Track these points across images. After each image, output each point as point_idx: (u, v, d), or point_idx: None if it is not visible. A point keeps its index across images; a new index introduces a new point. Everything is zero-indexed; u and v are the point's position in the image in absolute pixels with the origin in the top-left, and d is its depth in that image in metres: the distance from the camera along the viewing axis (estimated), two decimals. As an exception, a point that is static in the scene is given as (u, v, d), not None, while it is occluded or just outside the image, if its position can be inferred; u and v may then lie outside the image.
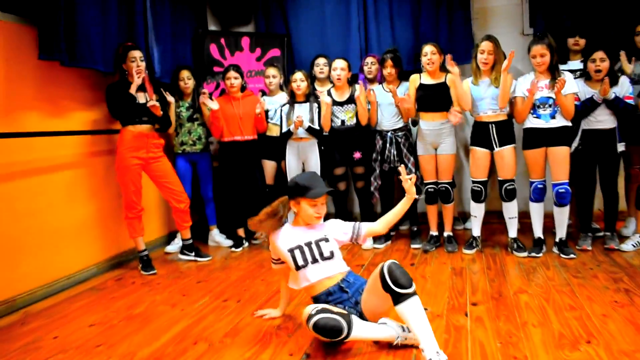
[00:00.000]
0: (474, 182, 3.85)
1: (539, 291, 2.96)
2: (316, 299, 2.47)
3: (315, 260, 2.45)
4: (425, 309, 2.67)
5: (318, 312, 2.20)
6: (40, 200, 3.40)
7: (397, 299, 2.13)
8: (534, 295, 2.90)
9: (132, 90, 3.64)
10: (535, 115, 3.69)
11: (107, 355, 2.41)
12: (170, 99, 4.25)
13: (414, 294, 2.15)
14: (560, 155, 3.63)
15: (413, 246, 4.13)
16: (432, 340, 2.08)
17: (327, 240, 2.51)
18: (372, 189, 4.18)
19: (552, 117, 3.64)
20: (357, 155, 4.23)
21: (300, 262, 2.46)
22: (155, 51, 4.23)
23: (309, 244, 2.48)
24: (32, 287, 3.30)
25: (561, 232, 3.73)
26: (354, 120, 4.19)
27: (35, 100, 3.39)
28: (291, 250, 2.49)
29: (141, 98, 3.76)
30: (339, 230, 2.58)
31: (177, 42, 4.58)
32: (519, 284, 3.12)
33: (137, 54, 3.69)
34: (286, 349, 2.38)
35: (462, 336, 2.40)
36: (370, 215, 4.31)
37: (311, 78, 4.48)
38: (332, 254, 2.47)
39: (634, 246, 3.74)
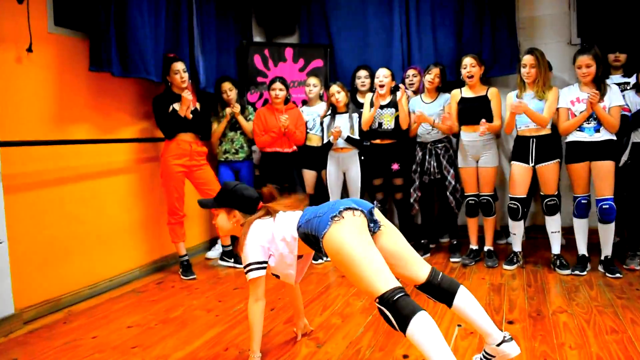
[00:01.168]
0: (511, 198, 3.76)
1: (579, 311, 2.86)
2: None
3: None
4: (459, 325, 2.66)
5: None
6: (88, 204, 3.55)
7: None
8: (574, 315, 2.80)
9: (182, 112, 3.76)
10: (579, 129, 3.58)
11: (142, 357, 2.49)
12: (230, 110, 4.33)
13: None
14: (605, 170, 3.51)
15: (452, 260, 4.06)
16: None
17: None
18: (411, 200, 4.14)
19: (597, 130, 3.52)
20: (395, 166, 4.21)
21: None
22: (201, 62, 4.35)
23: None
24: (76, 287, 3.44)
25: (607, 250, 3.60)
26: (392, 124, 4.16)
27: (86, 109, 3.56)
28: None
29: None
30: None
31: (222, 53, 4.70)
32: (559, 302, 3.02)
33: (180, 66, 3.81)
34: (316, 358, 2.39)
35: (495, 355, 2.34)
36: (409, 227, 4.28)
37: (352, 89, 4.50)
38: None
39: (686, 266, 3.57)
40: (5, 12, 3.01)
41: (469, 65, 3.86)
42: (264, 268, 2.26)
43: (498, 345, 2.04)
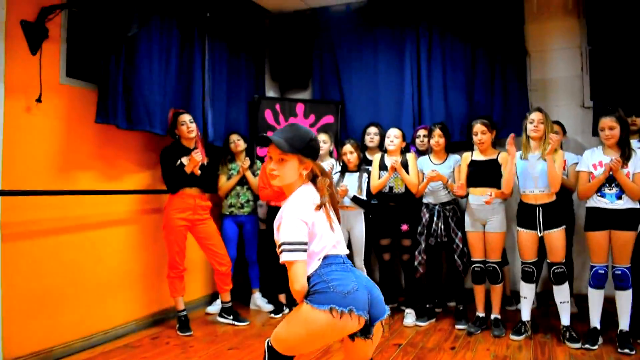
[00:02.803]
0: (524, 263, 3.64)
1: (587, 391, 2.70)
2: None
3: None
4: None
5: None
6: (87, 254, 3.54)
7: None
8: (581, 395, 2.65)
9: (188, 170, 3.76)
10: (600, 194, 3.48)
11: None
12: (242, 164, 4.37)
13: None
14: (624, 240, 3.38)
15: (457, 327, 3.91)
16: None
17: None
18: (416, 263, 4.04)
19: (619, 197, 3.41)
20: (405, 227, 4.14)
21: None
22: (210, 115, 4.40)
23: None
24: (69, 339, 3.39)
25: (623, 323, 3.42)
26: (403, 189, 4.12)
27: (91, 159, 3.60)
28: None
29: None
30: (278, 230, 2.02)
31: (232, 107, 4.76)
32: (566, 380, 2.86)
33: (186, 117, 3.86)
34: None
35: None
36: (416, 290, 4.16)
37: (362, 146, 4.49)
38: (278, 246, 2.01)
39: None
40: (18, 62, 3.11)
41: (480, 132, 3.82)
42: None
43: None
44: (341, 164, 4.30)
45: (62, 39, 3.41)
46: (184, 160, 3.81)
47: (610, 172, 3.39)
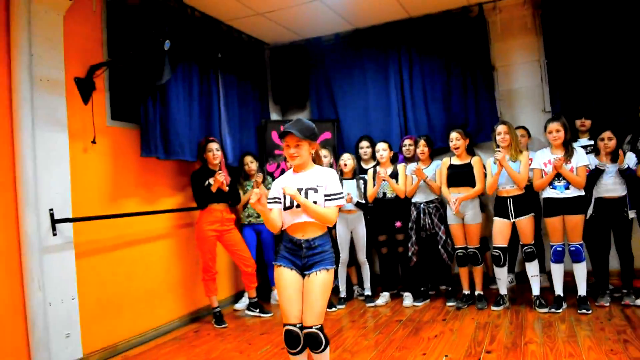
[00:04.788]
0: (494, 247, 4.40)
1: (547, 341, 3.45)
2: (285, 239, 2.79)
3: (298, 205, 2.69)
4: (446, 356, 3.27)
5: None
6: (137, 265, 4.27)
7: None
8: (542, 344, 3.40)
9: (214, 189, 4.45)
10: (551, 187, 4.24)
11: (191, 388, 3.13)
12: (257, 179, 5.04)
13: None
14: (575, 222, 4.16)
15: (448, 304, 4.67)
16: None
17: (315, 190, 2.71)
18: (409, 253, 4.78)
19: (566, 188, 4.18)
20: (398, 224, 4.88)
21: (287, 203, 2.72)
22: (228, 140, 5.15)
23: (299, 190, 2.70)
24: (129, 336, 4.11)
25: (581, 290, 4.19)
26: (394, 194, 4.87)
27: (135, 187, 4.33)
28: (283, 189, 2.71)
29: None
30: (329, 186, 2.72)
31: (244, 132, 5.53)
32: (531, 335, 3.62)
33: (214, 145, 4.60)
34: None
35: (471, 376, 2.95)
36: (411, 276, 4.92)
37: (357, 157, 5.23)
38: (315, 204, 2.68)
39: (650, 302, 4.13)
40: (76, 111, 3.81)
41: (455, 139, 4.58)
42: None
43: None
44: (339, 172, 5.04)
45: (106, 89, 4.14)
46: (211, 180, 4.54)
47: None
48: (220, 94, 5.16)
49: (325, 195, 2.70)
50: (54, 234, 3.49)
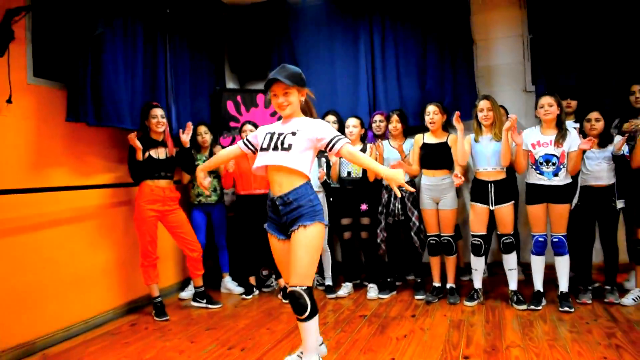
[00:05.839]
0: (473, 236, 3.99)
1: (531, 345, 3.05)
2: (268, 198, 2.74)
3: (275, 148, 2.59)
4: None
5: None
6: (63, 248, 3.66)
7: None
8: (526, 349, 3.00)
9: (139, 156, 3.93)
10: (538, 172, 3.83)
11: (115, 399, 2.59)
12: (218, 148, 4.61)
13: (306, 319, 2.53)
14: (559, 212, 3.78)
15: (417, 297, 4.24)
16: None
17: (294, 134, 2.59)
18: (378, 240, 4.33)
19: (555, 174, 3.78)
20: (364, 207, 4.41)
21: (264, 145, 2.65)
22: (173, 109, 4.54)
23: (279, 134, 2.62)
24: (51, 330, 3.52)
25: (563, 285, 3.83)
26: (360, 173, 4.39)
27: (62, 157, 3.70)
28: (265, 134, 2.70)
29: (161, 154, 4.03)
30: (317, 132, 2.61)
31: (196, 99, 4.91)
32: (513, 337, 3.21)
33: (158, 112, 4.00)
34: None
35: (449, 389, 2.51)
36: (376, 265, 4.47)
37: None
38: (289, 146, 2.55)
39: (635, 300, 3.80)
40: (-14, 65, 3.18)
41: (432, 112, 4.12)
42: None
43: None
44: None
45: (28, 40, 3.48)
46: (152, 152, 3.95)
47: (548, 150, 3.75)
48: (168, 55, 4.52)
49: (326, 146, 2.60)
50: (-47, 210, 2.86)
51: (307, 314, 2.49)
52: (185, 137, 4.10)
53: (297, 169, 2.56)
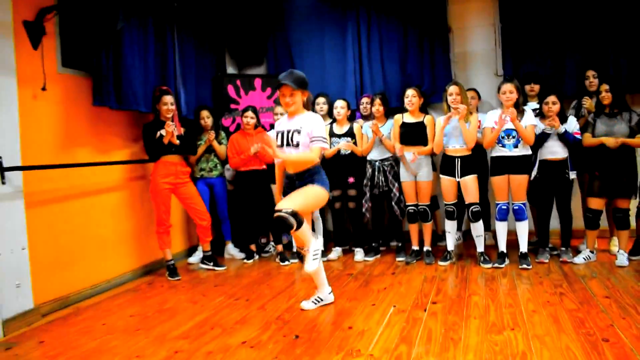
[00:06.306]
0: (446, 204, 4.57)
1: (489, 293, 3.66)
2: (285, 175, 3.51)
3: (287, 144, 3.36)
4: (394, 306, 3.43)
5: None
6: (90, 217, 4.21)
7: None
8: (484, 296, 3.60)
9: (165, 140, 4.42)
10: (501, 145, 4.40)
11: (145, 336, 3.17)
12: (208, 136, 5.08)
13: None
14: (519, 182, 4.36)
15: (398, 259, 4.83)
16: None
17: (298, 132, 3.32)
18: (363, 210, 4.90)
19: (515, 146, 4.35)
20: (351, 179, 4.97)
21: (279, 142, 3.39)
22: (182, 93, 5.06)
23: (287, 131, 3.37)
24: (81, 287, 4.09)
25: (522, 247, 4.42)
26: (349, 151, 4.93)
27: (87, 137, 4.23)
28: (277, 133, 3.44)
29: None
30: (310, 130, 3.32)
31: (200, 84, 5.43)
32: (475, 288, 3.82)
33: (169, 99, 4.51)
34: (281, 332, 3.12)
35: (417, 325, 3.10)
36: (362, 232, 5.06)
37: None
38: (297, 144, 3.31)
39: (585, 260, 4.41)
40: (24, 56, 3.65)
41: (411, 95, 4.66)
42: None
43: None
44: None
45: (56, 34, 3.97)
46: (163, 132, 4.47)
47: (508, 126, 4.31)
48: (176, 45, 5.02)
49: (311, 138, 3.28)
50: (3, 183, 3.39)
51: (294, 229, 3.17)
52: (171, 129, 4.43)
53: (313, 161, 3.34)
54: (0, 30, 3.43)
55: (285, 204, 3.20)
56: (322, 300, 3.59)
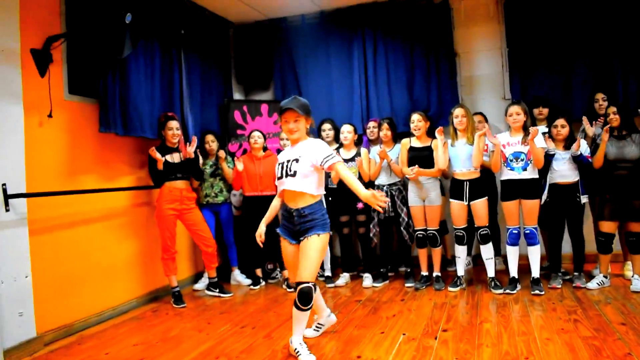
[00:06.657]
0: (456, 228, 4.50)
1: (501, 321, 3.56)
2: (282, 208, 3.25)
3: (286, 175, 3.08)
4: (403, 334, 3.34)
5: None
6: (94, 243, 4.18)
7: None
8: (496, 324, 3.51)
9: (159, 166, 4.41)
10: (509, 168, 4.35)
11: (149, 366, 3.10)
12: (222, 152, 5.11)
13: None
14: (530, 207, 4.29)
15: (407, 285, 4.75)
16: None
17: (297, 160, 3.05)
18: (371, 234, 4.84)
19: (524, 169, 4.30)
20: (360, 205, 4.92)
21: (278, 174, 3.15)
22: (190, 119, 5.06)
23: (287, 162, 3.10)
24: (85, 315, 4.03)
25: (535, 272, 4.33)
26: (357, 175, 4.89)
27: (93, 164, 4.22)
28: (278, 165, 3.18)
29: (175, 158, 4.54)
30: (314, 157, 3.03)
31: (206, 110, 5.45)
32: (487, 315, 3.73)
33: (174, 124, 4.51)
34: (288, 361, 3.04)
35: (428, 354, 3.02)
36: (370, 257, 4.98)
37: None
38: (295, 173, 3.03)
39: (598, 284, 4.30)
40: (31, 84, 3.66)
41: (416, 120, 4.64)
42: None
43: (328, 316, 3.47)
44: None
45: (63, 61, 3.99)
46: (168, 157, 4.45)
47: (517, 148, 4.28)
48: (183, 71, 5.04)
49: (322, 161, 3.01)
50: (7, 210, 3.37)
51: (310, 305, 2.98)
52: (190, 149, 4.55)
53: (300, 190, 3.03)
54: (8, 58, 3.45)
55: (304, 275, 2.98)
56: (322, 325, 3.51)
